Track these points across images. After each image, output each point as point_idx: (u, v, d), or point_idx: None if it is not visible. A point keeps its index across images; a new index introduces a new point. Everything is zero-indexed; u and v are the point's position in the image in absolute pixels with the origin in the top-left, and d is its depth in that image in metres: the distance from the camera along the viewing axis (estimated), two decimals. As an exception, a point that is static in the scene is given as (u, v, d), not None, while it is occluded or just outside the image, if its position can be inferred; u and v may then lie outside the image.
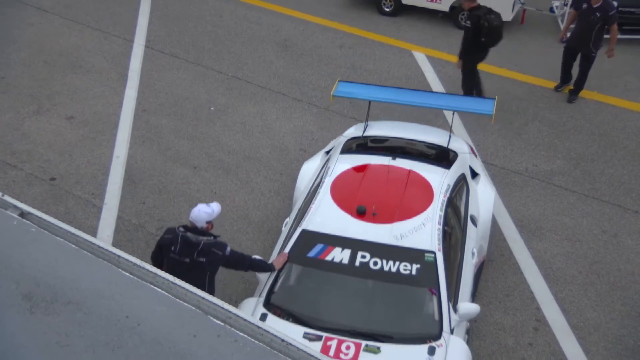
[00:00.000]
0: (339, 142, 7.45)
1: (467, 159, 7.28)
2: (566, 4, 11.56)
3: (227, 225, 7.66)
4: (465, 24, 9.38)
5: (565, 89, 10.18)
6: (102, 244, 2.75)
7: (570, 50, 9.78)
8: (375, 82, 10.09)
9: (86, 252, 2.72)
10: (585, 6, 9.37)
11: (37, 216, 2.86)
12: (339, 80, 7.78)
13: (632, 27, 11.31)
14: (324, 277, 5.82)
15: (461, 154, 7.23)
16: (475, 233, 6.64)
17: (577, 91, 10.03)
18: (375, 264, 5.75)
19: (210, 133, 9.33)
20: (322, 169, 6.99)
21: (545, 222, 7.91)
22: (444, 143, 7.33)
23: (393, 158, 6.78)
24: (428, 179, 6.52)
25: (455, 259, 6.16)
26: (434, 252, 5.81)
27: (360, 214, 6.04)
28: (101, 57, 11.00)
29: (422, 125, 8.01)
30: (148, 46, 11.31)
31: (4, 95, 10.02)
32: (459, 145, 7.41)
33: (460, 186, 6.82)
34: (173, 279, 2.64)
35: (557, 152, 9.06)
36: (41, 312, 2.51)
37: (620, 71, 10.70)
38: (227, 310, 2.49)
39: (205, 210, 5.57)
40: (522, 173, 8.69)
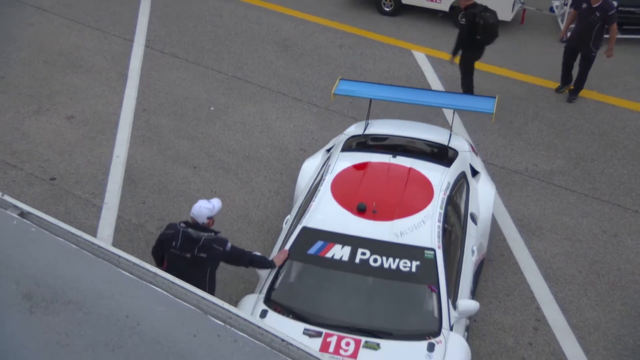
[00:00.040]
0: (339, 140, 7.47)
1: (467, 157, 7.29)
2: (566, 3, 11.55)
3: (227, 224, 7.65)
4: (460, 21, 9.39)
5: (566, 90, 10.19)
6: (102, 244, 2.75)
7: (570, 49, 9.78)
8: (376, 82, 10.08)
9: (86, 252, 2.72)
10: (585, 6, 9.37)
11: (37, 216, 2.86)
12: (340, 79, 7.79)
13: (632, 26, 11.31)
14: (324, 274, 5.85)
15: (461, 152, 7.24)
16: (475, 231, 6.65)
17: (577, 91, 10.03)
18: (375, 261, 5.77)
19: (210, 133, 9.33)
20: (323, 166, 7.01)
21: (545, 222, 7.92)
22: (444, 141, 7.33)
23: (393, 156, 6.80)
24: (428, 177, 6.53)
25: (455, 256, 6.18)
26: (434, 250, 5.83)
27: (360, 212, 6.06)
28: (101, 57, 11.00)
29: (423, 124, 8.02)
30: (148, 46, 11.31)
31: (4, 94, 10.02)
32: (459, 143, 7.42)
33: (460, 184, 6.83)
34: (173, 278, 2.64)
35: (557, 152, 9.06)
36: (41, 311, 2.51)
37: (620, 71, 10.70)
38: (227, 310, 2.49)
39: (207, 206, 5.62)
40: (522, 173, 8.69)
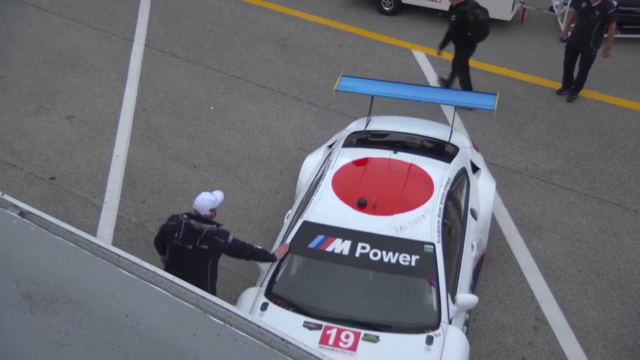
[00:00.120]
0: (341, 136, 7.52)
1: (468, 154, 7.33)
2: (566, 3, 11.55)
3: (227, 224, 7.62)
4: (450, 18, 9.45)
5: (566, 91, 10.17)
6: (102, 243, 2.75)
7: (571, 49, 9.77)
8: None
9: (86, 251, 2.72)
10: (584, 5, 9.38)
11: (37, 215, 2.86)
12: (342, 75, 7.82)
13: (632, 26, 11.31)
14: (325, 268, 5.88)
15: (462, 148, 7.28)
16: (475, 226, 6.69)
17: (577, 90, 10.03)
18: (375, 255, 5.81)
19: (210, 132, 9.33)
20: (324, 162, 7.05)
21: (545, 221, 7.91)
22: (445, 138, 7.37)
23: (394, 152, 6.84)
24: (429, 172, 6.56)
25: (454, 251, 6.21)
26: (433, 244, 5.86)
27: (361, 206, 6.10)
28: (101, 56, 11.00)
29: (424, 120, 8.06)
30: (148, 45, 11.31)
31: (4, 94, 10.01)
32: (460, 139, 7.46)
33: (460, 180, 6.86)
34: (173, 278, 2.64)
35: (557, 151, 9.05)
36: (41, 311, 2.51)
37: (620, 70, 10.70)
38: (227, 309, 2.49)
39: (209, 198, 5.68)
40: (522, 172, 8.69)
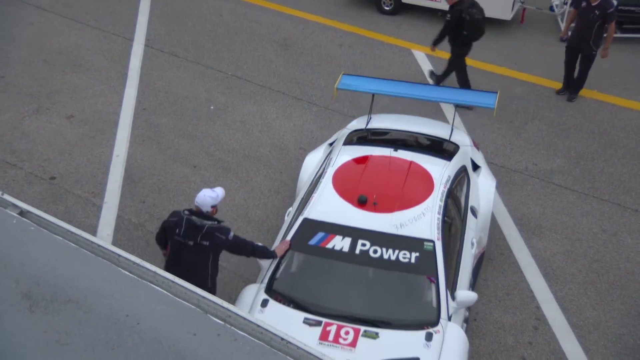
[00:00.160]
0: (342, 134, 7.55)
1: (468, 152, 7.35)
2: (566, 2, 11.54)
3: (227, 223, 7.61)
4: (446, 17, 9.50)
5: (566, 92, 10.17)
6: (102, 243, 2.74)
7: (571, 49, 9.77)
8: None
9: (86, 251, 2.71)
10: (584, 4, 9.38)
11: (37, 215, 2.86)
12: (343, 73, 7.84)
13: (632, 25, 11.32)
14: (325, 265, 5.91)
15: (463, 146, 7.30)
16: (475, 224, 6.70)
17: (577, 90, 10.03)
18: (375, 252, 5.83)
19: (210, 132, 9.32)
20: (325, 160, 7.07)
21: (545, 221, 7.91)
22: (446, 136, 7.39)
23: (395, 149, 6.86)
24: (429, 170, 6.58)
25: (454, 248, 6.23)
26: (433, 241, 5.88)
27: (361, 204, 6.12)
28: (101, 56, 11.00)
29: (425, 119, 8.08)
30: (148, 45, 11.31)
31: (4, 94, 10.01)
32: (460, 138, 7.48)
33: (461, 178, 6.88)
34: (173, 277, 2.63)
35: (557, 151, 9.05)
36: (41, 310, 2.51)
37: (620, 70, 10.70)
38: (227, 309, 2.49)
39: (210, 194, 5.72)
40: (522, 172, 8.69)
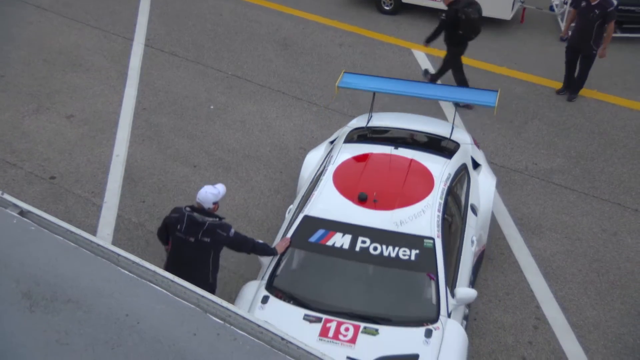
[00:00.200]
0: (343, 132, 7.57)
1: (469, 150, 7.36)
2: (566, 2, 11.54)
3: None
4: (441, 16, 9.51)
5: (566, 91, 10.17)
6: (102, 243, 2.74)
7: (572, 49, 9.76)
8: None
9: (86, 251, 2.71)
10: (584, 4, 9.38)
11: (37, 215, 2.86)
12: (344, 72, 7.85)
13: (632, 25, 11.31)
14: (325, 262, 5.92)
15: (463, 144, 7.31)
16: (475, 221, 6.72)
17: (577, 90, 10.02)
18: (375, 249, 5.85)
19: (210, 131, 9.32)
20: (326, 158, 7.09)
21: (545, 221, 7.91)
22: (446, 134, 7.41)
23: (395, 147, 6.87)
24: (429, 168, 6.60)
25: (454, 245, 6.24)
26: (433, 239, 5.89)
27: (361, 201, 6.14)
28: (101, 56, 11.00)
29: (426, 117, 8.10)
30: (148, 44, 11.31)
31: (4, 93, 10.01)
32: (461, 136, 7.50)
33: (461, 176, 6.90)
34: (172, 277, 2.63)
35: (557, 151, 9.05)
36: (41, 310, 2.51)
37: (620, 70, 10.70)
38: (227, 309, 2.49)
39: (212, 191, 5.76)
40: (522, 171, 8.69)
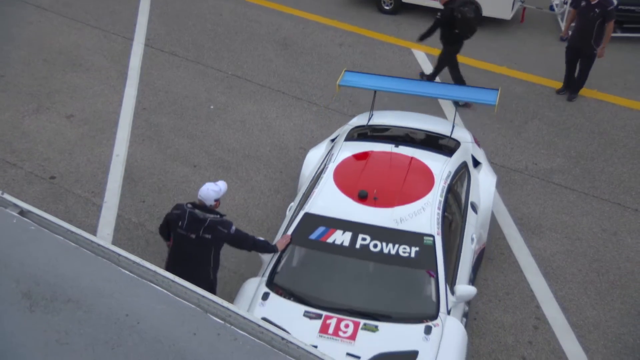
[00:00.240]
0: (344, 130, 7.60)
1: (469, 148, 7.39)
2: (566, 2, 11.54)
3: (227, 223, 7.66)
4: (436, 15, 9.55)
5: (566, 91, 10.16)
6: (102, 242, 2.74)
7: (572, 49, 9.76)
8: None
9: (86, 251, 2.71)
10: (583, 4, 9.38)
11: (37, 214, 2.85)
12: (346, 70, 7.86)
13: (632, 25, 11.31)
14: (325, 259, 5.94)
15: (464, 143, 7.33)
16: (475, 219, 6.73)
17: (577, 89, 10.02)
18: (375, 246, 5.87)
19: (210, 131, 9.32)
20: (327, 155, 7.11)
21: (545, 221, 7.92)
22: (447, 132, 7.43)
23: (396, 145, 6.90)
24: (429, 166, 6.62)
25: (454, 243, 6.26)
26: (433, 236, 5.92)
27: (361, 198, 6.16)
28: (101, 56, 10.99)
29: (427, 115, 8.13)
30: (148, 44, 11.31)
31: (4, 93, 10.01)
32: (462, 134, 7.52)
33: (461, 174, 6.92)
34: (173, 277, 2.63)
35: (557, 151, 9.05)
36: (41, 310, 2.50)
37: (620, 69, 10.70)
38: (227, 309, 2.48)
39: (213, 188, 5.81)
40: (522, 171, 8.69)
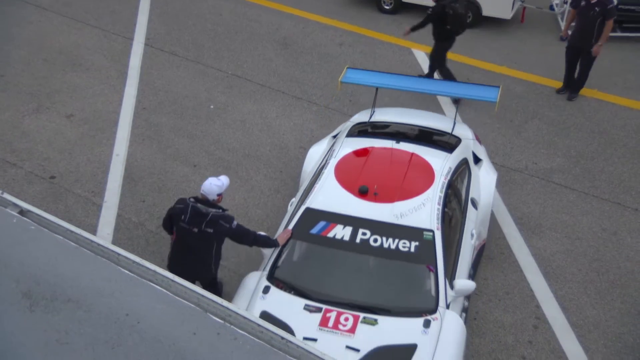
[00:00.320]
0: (345, 126, 7.63)
1: (470, 145, 7.42)
2: (566, 1, 11.53)
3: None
4: (427, 12, 9.61)
5: (566, 91, 10.16)
6: (102, 242, 2.74)
7: (572, 49, 9.75)
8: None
9: (86, 250, 2.71)
10: (583, 3, 9.37)
11: (37, 214, 2.85)
12: (348, 67, 7.88)
13: (632, 24, 11.31)
14: (326, 253, 5.98)
15: (465, 139, 7.36)
16: (475, 215, 6.76)
17: (577, 89, 10.02)
18: (375, 241, 5.90)
19: (210, 131, 9.32)
20: (328, 151, 7.14)
21: (545, 220, 7.92)
22: (448, 129, 7.46)
23: (397, 142, 6.92)
24: (430, 162, 6.65)
25: (454, 238, 6.29)
26: (433, 231, 5.95)
27: (362, 194, 6.19)
28: (101, 55, 10.99)
29: (428, 112, 8.16)
30: (148, 44, 11.30)
31: (4, 93, 10.01)
32: (463, 131, 7.55)
33: (462, 170, 6.94)
34: (173, 276, 2.63)
35: (557, 150, 9.05)
36: (41, 310, 2.51)
37: (620, 69, 10.70)
38: (227, 308, 2.49)
39: (216, 183, 5.93)
40: (522, 171, 8.69)
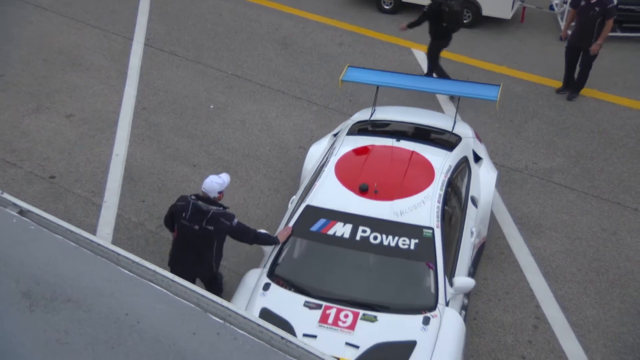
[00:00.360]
0: (346, 124, 7.66)
1: (470, 143, 7.43)
2: (566, 1, 11.54)
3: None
4: (424, 9, 9.64)
5: (566, 91, 10.16)
6: (102, 242, 2.74)
7: (572, 49, 9.75)
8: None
9: (86, 250, 2.71)
10: (583, 3, 9.37)
11: (37, 214, 2.85)
12: (349, 66, 7.90)
13: (632, 24, 11.32)
14: (326, 250, 6.00)
15: (465, 138, 7.38)
16: (475, 213, 6.78)
17: (577, 89, 10.02)
18: (375, 238, 5.92)
19: (210, 131, 9.33)
20: (329, 149, 7.16)
21: (544, 220, 7.92)
22: (448, 127, 7.48)
23: (397, 140, 6.94)
24: (430, 160, 6.67)
25: (454, 236, 6.31)
26: (432, 228, 5.97)
27: (362, 192, 6.22)
28: (101, 55, 10.99)
29: (429, 111, 8.17)
30: (147, 44, 11.30)
31: (4, 93, 10.01)
32: (463, 129, 7.56)
33: (462, 168, 6.96)
34: (172, 276, 2.63)
35: (557, 150, 9.06)
36: (41, 310, 2.51)
37: (620, 69, 10.70)
38: (227, 308, 2.49)
39: (217, 181, 5.96)
40: (522, 171, 8.69)
